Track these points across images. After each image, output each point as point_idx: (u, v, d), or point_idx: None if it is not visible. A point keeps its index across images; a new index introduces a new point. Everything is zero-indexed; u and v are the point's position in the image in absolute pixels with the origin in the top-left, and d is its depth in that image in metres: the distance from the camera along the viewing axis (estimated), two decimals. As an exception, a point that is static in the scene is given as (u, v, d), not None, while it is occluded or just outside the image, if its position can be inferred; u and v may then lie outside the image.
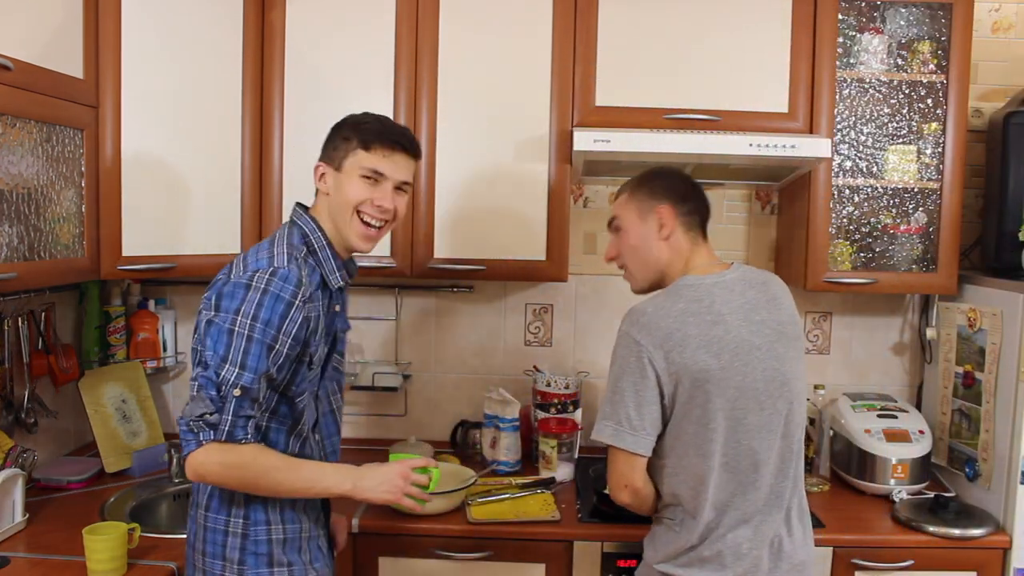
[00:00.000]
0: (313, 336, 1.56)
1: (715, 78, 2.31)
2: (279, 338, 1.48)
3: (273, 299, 1.48)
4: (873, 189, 2.39)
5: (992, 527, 2.08)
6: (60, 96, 1.92)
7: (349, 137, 1.61)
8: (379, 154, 1.61)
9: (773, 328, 1.65)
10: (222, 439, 1.45)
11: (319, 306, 1.58)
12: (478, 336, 2.72)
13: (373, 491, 1.58)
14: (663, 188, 1.74)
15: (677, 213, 1.72)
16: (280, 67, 2.31)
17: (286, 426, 1.59)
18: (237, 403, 1.45)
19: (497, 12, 2.30)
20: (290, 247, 1.57)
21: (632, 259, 1.78)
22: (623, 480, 1.65)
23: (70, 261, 1.99)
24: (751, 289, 1.68)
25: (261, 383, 1.48)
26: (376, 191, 1.62)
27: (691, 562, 1.64)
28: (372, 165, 1.61)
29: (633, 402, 1.60)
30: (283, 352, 1.49)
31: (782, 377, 1.63)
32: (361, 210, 1.62)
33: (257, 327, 1.46)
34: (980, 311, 2.24)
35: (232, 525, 1.58)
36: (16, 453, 2.04)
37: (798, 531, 1.69)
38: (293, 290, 1.50)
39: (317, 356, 1.59)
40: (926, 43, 2.36)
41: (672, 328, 1.59)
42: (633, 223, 1.75)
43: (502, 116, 2.31)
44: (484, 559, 2.06)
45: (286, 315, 1.48)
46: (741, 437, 1.60)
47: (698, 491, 1.61)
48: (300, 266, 1.54)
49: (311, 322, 1.54)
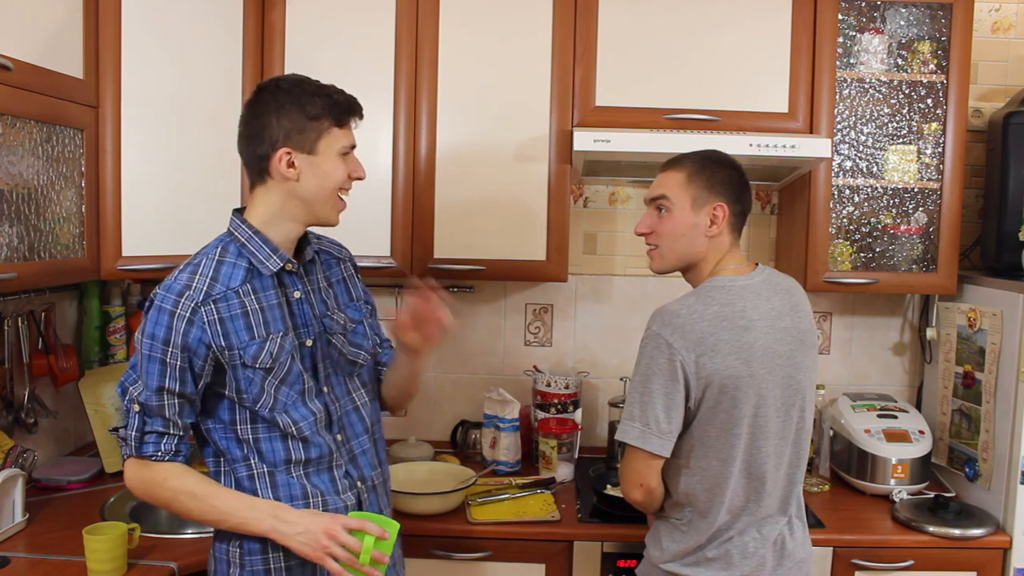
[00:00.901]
0: (234, 337, 1.47)
1: (715, 78, 2.31)
2: (168, 350, 1.44)
3: (157, 312, 1.45)
4: (873, 189, 2.39)
5: (992, 527, 2.08)
6: (60, 96, 1.92)
7: (318, 116, 1.49)
8: (350, 127, 1.55)
9: (794, 336, 1.65)
10: (133, 455, 1.47)
11: (242, 302, 1.49)
12: (478, 336, 2.72)
13: (291, 539, 1.43)
14: (723, 183, 1.67)
15: (731, 213, 1.67)
16: (280, 67, 2.31)
17: (276, 434, 1.52)
18: (139, 418, 1.46)
19: (497, 12, 2.30)
20: (197, 255, 1.53)
21: (669, 243, 1.70)
22: (639, 479, 1.64)
23: (70, 261, 1.99)
24: (776, 295, 1.67)
25: (164, 398, 1.45)
26: (350, 163, 1.55)
27: (698, 561, 1.64)
28: (350, 141, 1.54)
29: (663, 404, 1.58)
30: (175, 364, 1.44)
31: (797, 385, 1.64)
32: (344, 188, 1.56)
33: (145, 342, 1.46)
34: (980, 311, 2.24)
35: (230, 554, 1.54)
36: (16, 453, 2.04)
37: (799, 529, 1.71)
38: (174, 299, 1.45)
39: (258, 355, 1.48)
40: (926, 43, 2.36)
41: (706, 332, 1.57)
42: (683, 210, 1.67)
43: (502, 116, 2.31)
44: (484, 559, 2.06)
45: (170, 325, 1.44)
46: (761, 444, 1.61)
47: (714, 493, 1.62)
48: (198, 271, 1.48)
49: (219, 324, 1.46)
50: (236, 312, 1.48)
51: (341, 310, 1.65)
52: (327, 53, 2.31)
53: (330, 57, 2.31)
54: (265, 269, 1.51)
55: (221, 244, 1.54)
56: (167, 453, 1.47)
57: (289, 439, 1.52)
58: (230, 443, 1.53)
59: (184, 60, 2.19)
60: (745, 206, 1.71)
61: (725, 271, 1.67)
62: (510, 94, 2.31)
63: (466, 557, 2.05)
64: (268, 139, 1.49)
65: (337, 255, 1.72)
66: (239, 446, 1.52)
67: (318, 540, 1.41)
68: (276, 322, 1.52)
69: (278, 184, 1.51)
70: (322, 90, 1.52)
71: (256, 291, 1.51)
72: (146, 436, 1.46)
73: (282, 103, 1.49)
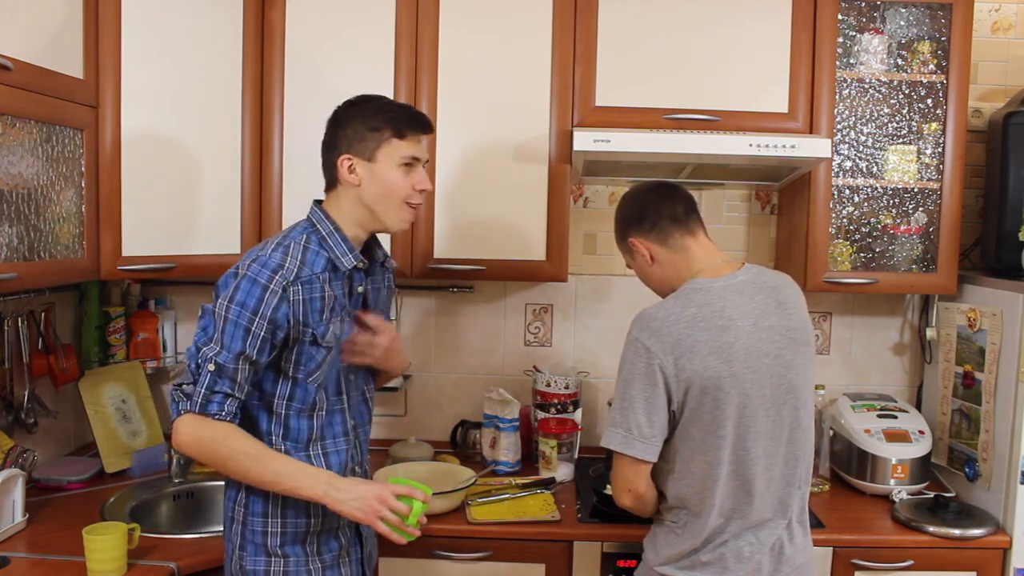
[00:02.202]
0: (311, 316, 1.60)
1: (715, 78, 2.31)
2: (255, 320, 1.54)
3: (250, 283, 1.55)
4: (873, 189, 2.39)
5: (992, 527, 2.08)
6: (60, 96, 1.92)
7: (379, 127, 1.63)
8: (413, 140, 1.65)
9: (782, 334, 1.63)
10: (195, 410, 1.54)
11: (322, 288, 1.62)
12: (478, 336, 2.72)
13: (345, 504, 1.54)
14: (622, 221, 1.79)
15: (643, 237, 1.73)
16: (280, 66, 2.31)
17: (305, 411, 1.65)
18: (212, 377, 1.53)
19: (497, 12, 2.30)
20: (285, 237, 1.64)
21: (646, 283, 1.82)
22: (627, 484, 1.65)
23: (70, 261, 1.99)
24: (760, 293, 1.65)
25: (239, 363, 1.54)
26: (415, 175, 1.67)
27: (693, 565, 1.64)
28: (411, 152, 1.65)
29: (643, 409, 1.58)
30: (259, 334, 1.54)
31: (788, 384, 1.62)
32: (410, 199, 1.67)
33: (233, 309, 1.54)
34: (980, 311, 2.24)
35: (236, 512, 1.67)
36: (16, 453, 2.04)
37: (799, 534, 1.69)
38: (269, 275, 1.56)
39: (325, 335, 1.62)
40: (926, 43, 2.36)
41: (682, 334, 1.57)
42: (629, 261, 1.82)
43: (502, 116, 2.31)
44: (484, 559, 2.06)
45: (261, 298, 1.54)
46: (749, 444, 1.59)
47: (704, 496, 1.61)
48: (289, 253, 1.60)
49: (303, 304, 1.58)
50: (316, 295, 1.61)
51: (379, 311, 1.81)
52: (327, 53, 2.31)
53: (330, 57, 2.31)
54: (342, 265, 1.65)
55: (305, 232, 1.66)
56: (228, 414, 1.55)
57: (314, 418, 1.66)
58: (260, 413, 1.65)
59: (184, 60, 2.19)
60: (655, 218, 1.71)
61: (703, 273, 1.67)
62: (510, 94, 2.31)
63: (466, 557, 2.05)
64: (336, 146, 1.66)
65: (387, 265, 1.84)
66: (268, 419, 1.64)
67: (371, 505, 1.54)
68: (339, 310, 1.67)
69: (346, 189, 1.67)
70: (388, 105, 1.68)
71: (331, 280, 1.65)
72: (213, 395, 1.54)
73: (351, 115, 1.66)
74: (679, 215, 1.72)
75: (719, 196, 2.66)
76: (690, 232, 1.72)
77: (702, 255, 1.71)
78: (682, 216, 1.72)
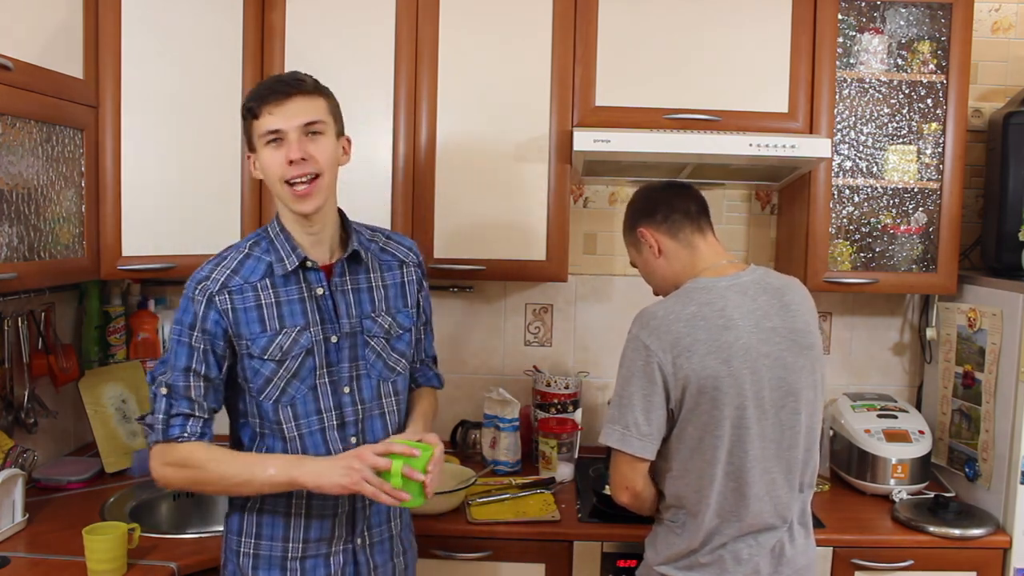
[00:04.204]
0: (246, 327, 1.51)
1: (715, 78, 2.31)
2: (192, 334, 1.51)
3: (185, 300, 1.54)
4: (873, 189, 2.39)
5: (992, 527, 2.08)
6: (60, 96, 1.92)
7: (244, 115, 1.53)
8: (267, 113, 1.49)
9: (784, 336, 1.61)
10: (160, 439, 1.51)
11: (257, 296, 1.53)
12: (478, 336, 2.72)
13: (323, 476, 1.44)
14: (633, 212, 1.78)
15: (654, 228, 1.72)
16: (280, 67, 2.31)
17: (277, 431, 1.55)
18: (166, 401, 1.51)
19: (497, 12, 2.30)
20: (229, 247, 1.60)
21: (649, 280, 1.82)
22: (624, 482, 1.65)
23: (70, 261, 1.99)
24: (764, 294, 1.64)
25: (190, 379, 1.51)
26: (283, 150, 1.50)
27: (691, 566, 1.64)
28: (266, 127, 1.50)
29: (641, 406, 1.58)
30: (199, 347, 1.51)
31: (788, 387, 1.60)
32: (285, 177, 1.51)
33: (175, 328, 1.54)
34: (980, 311, 2.24)
35: (225, 524, 1.66)
36: (16, 453, 2.04)
37: (800, 536, 1.68)
38: (194, 287, 1.53)
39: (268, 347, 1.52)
40: (926, 43, 2.36)
41: (682, 333, 1.57)
42: (634, 255, 1.82)
43: (502, 116, 2.31)
44: (484, 559, 2.06)
45: (192, 311, 1.52)
46: (747, 446, 1.58)
47: (701, 496, 1.60)
48: (222, 263, 1.55)
49: (232, 314, 1.51)
50: (250, 305, 1.53)
51: (390, 313, 1.64)
52: (327, 53, 2.31)
53: (330, 57, 2.31)
54: (280, 268, 1.55)
55: (255, 239, 1.60)
56: (193, 435, 1.52)
57: (287, 439, 1.55)
58: (244, 432, 1.61)
59: (184, 60, 2.19)
60: (668, 211, 1.72)
61: (706, 272, 1.67)
62: (510, 94, 2.31)
63: (466, 557, 2.05)
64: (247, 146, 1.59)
65: (402, 258, 1.70)
66: (252, 438, 1.59)
67: (350, 465, 1.44)
68: (295, 316, 1.55)
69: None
70: (252, 89, 1.57)
71: (276, 286, 1.55)
72: (172, 419, 1.51)
73: None
74: (691, 212, 1.73)
75: (719, 196, 2.66)
76: (700, 230, 1.73)
77: (709, 254, 1.71)
78: (694, 213, 1.73)
